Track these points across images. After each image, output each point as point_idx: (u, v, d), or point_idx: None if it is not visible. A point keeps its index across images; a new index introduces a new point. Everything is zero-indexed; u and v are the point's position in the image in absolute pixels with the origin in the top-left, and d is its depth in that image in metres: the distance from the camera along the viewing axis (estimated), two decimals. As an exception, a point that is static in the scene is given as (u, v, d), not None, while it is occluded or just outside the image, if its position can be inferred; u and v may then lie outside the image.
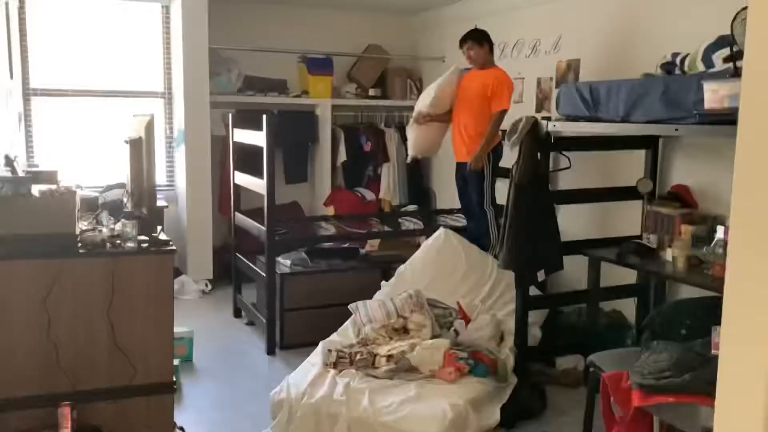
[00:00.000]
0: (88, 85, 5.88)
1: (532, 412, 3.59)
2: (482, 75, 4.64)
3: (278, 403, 3.33)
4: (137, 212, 3.01)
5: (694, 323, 3.04)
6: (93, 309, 2.70)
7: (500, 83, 4.55)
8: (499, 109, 4.53)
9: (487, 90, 4.55)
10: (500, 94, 4.52)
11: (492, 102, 4.55)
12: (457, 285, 4.41)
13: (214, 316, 5.28)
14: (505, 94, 4.53)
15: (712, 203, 3.82)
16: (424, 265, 4.52)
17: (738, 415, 2.04)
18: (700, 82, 2.92)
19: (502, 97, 4.52)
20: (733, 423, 2.07)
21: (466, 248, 4.55)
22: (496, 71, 4.63)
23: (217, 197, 6.14)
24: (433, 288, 4.31)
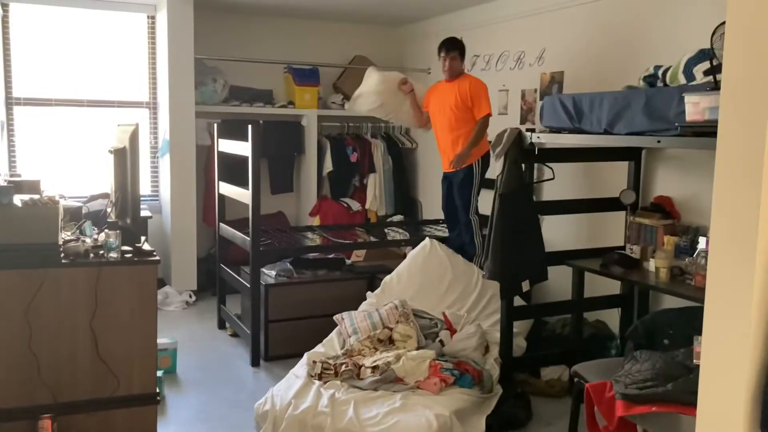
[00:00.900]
0: (72, 94, 5.85)
1: (517, 423, 3.59)
2: (455, 86, 4.68)
3: (262, 414, 3.31)
4: (121, 222, 3.00)
5: (676, 333, 3.06)
6: (75, 320, 2.68)
7: (477, 90, 4.60)
8: (482, 115, 4.59)
9: (466, 101, 4.60)
10: (479, 101, 4.59)
11: (474, 110, 4.61)
12: (442, 295, 4.42)
13: (198, 327, 5.25)
14: (483, 99, 4.60)
15: (695, 214, 3.87)
16: (410, 275, 4.52)
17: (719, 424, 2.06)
18: (682, 94, 2.96)
19: (482, 103, 4.59)
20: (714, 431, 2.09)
21: (451, 258, 4.56)
22: (468, 79, 4.70)
23: (202, 207, 6.12)
24: (419, 298, 4.32)
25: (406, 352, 3.60)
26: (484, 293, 4.40)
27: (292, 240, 5.06)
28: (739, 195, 1.96)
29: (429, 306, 4.25)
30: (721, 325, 2.05)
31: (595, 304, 4.20)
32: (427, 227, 5.69)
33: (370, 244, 5.26)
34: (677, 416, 2.47)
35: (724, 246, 2.03)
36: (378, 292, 4.46)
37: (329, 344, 3.97)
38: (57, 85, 5.80)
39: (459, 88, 4.64)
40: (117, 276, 2.75)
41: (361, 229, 5.52)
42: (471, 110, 4.61)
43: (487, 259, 3.71)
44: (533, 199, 4.08)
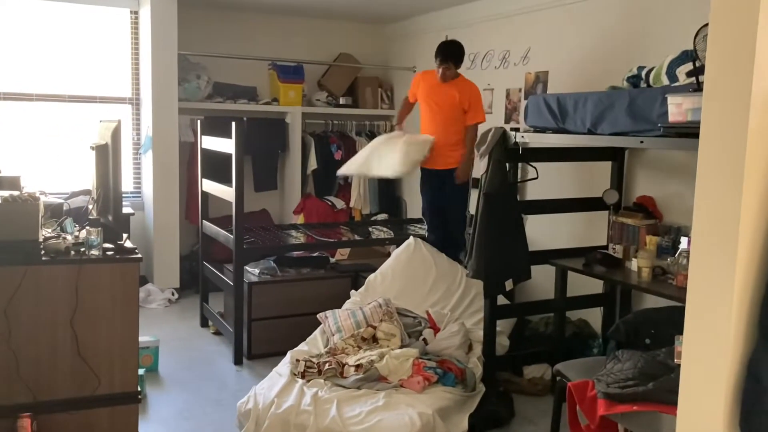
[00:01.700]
0: (53, 89, 5.79)
1: (500, 421, 3.60)
2: (453, 87, 4.68)
3: (245, 413, 3.30)
4: (102, 219, 2.97)
5: (658, 332, 3.08)
6: (56, 318, 2.65)
7: (476, 97, 4.66)
8: (476, 121, 4.64)
9: (464, 104, 4.63)
10: (477, 108, 4.65)
11: (468, 114, 4.64)
12: (426, 294, 4.43)
13: (181, 325, 5.22)
14: (480, 106, 4.67)
15: (677, 214, 3.90)
16: (394, 273, 4.52)
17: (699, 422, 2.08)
18: (665, 95, 2.98)
19: (479, 110, 4.65)
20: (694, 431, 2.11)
21: (435, 257, 4.57)
22: (466, 84, 4.71)
23: (185, 205, 6.08)
24: (403, 297, 4.32)
25: (389, 351, 3.60)
26: (468, 292, 4.42)
27: (276, 238, 5.04)
28: (721, 196, 1.97)
29: (413, 305, 4.26)
30: (702, 325, 2.07)
31: (578, 303, 4.22)
32: (411, 226, 5.69)
33: (354, 242, 5.25)
34: (658, 415, 2.49)
35: (705, 246, 2.04)
36: (362, 291, 4.45)
37: (312, 342, 3.96)
38: (38, 79, 5.73)
39: (460, 90, 4.65)
40: (98, 274, 2.72)
41: (345, 228, 5.51)
42: (465, 114, 4.64)
43: (471, 258, 3.71)
44: (517, 199, 4.10)
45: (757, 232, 1.97)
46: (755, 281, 1.98)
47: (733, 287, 1.96)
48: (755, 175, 1.93)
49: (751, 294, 1.98)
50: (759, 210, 1.96)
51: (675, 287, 3.25)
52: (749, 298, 1.99)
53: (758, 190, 1.95)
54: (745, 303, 1.98)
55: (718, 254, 1.99)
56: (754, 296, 1.99)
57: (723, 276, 1.98)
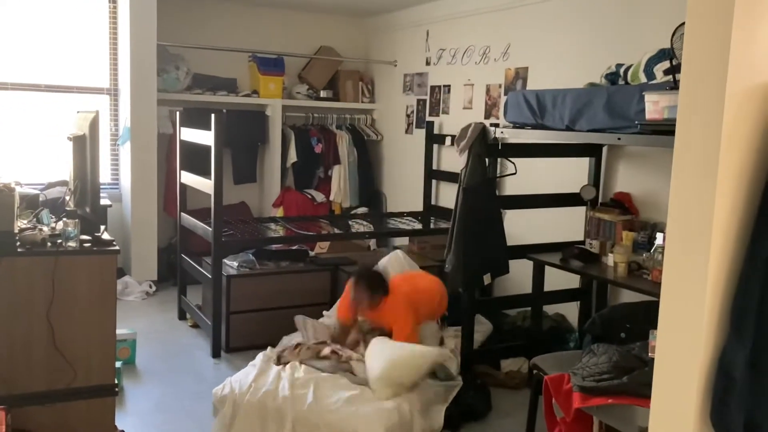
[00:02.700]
0: (29, 78, 5.70)
1: (477, 414, 3.63)
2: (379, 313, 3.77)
3: (221, 399, 3.28)
4: (80, 211, 2.94)
5: (633, 327, 3.13)
6: (31, 310, 2.62)
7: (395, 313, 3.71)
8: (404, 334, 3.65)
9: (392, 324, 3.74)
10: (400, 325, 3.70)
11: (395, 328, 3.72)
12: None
13: (158, 318, 5.19)
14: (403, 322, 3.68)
15: (653, 210, 3.95)
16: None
17: (672, 414, 2.12)
18: (642, 93, 3.01)
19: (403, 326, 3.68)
20: (667, 423, 2.14)
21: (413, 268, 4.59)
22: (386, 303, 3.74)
23: (163, 197, 6.04)
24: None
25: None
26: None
27: (255, 231, 5.02)
28: (695, 192, 2.01)
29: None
30: (675, 320, 2.10)
31: (555, 298, 4.27)
32: (391, 220, 5.70)
33: (333, 236, 5.25)
34: (632, 408, 2.53)
35: (679, 242, 2.08)
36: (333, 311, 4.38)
37: (288, 342, 3.96)
38: (13, 68, 5.64)
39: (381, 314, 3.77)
40: (75, 266, 2.70)
41: (325, 221, 5.50)
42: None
43: (450, 252, 3.73)
44: (496, 194, 4.12)
45: (730, 228, 2.00)
46: (727, 277, 2.02)
47: (705, 283, 2.00)
48: (729, 173, 1.97)
49: (723, 289, 2.02)
50: (732, 207, 2.00)
51: (650, 282, 3.30)
52: (721, 294, 2.02)
53: (731, 188, 1.98)
54: (717, 298, 2.02)
55: (691, 250, 2.03)
56: (726, 292, 2.03)
57: (696, 271, 2.01)
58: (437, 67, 5.98)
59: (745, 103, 1.95)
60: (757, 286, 1.98)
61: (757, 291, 1.98)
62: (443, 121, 5.89)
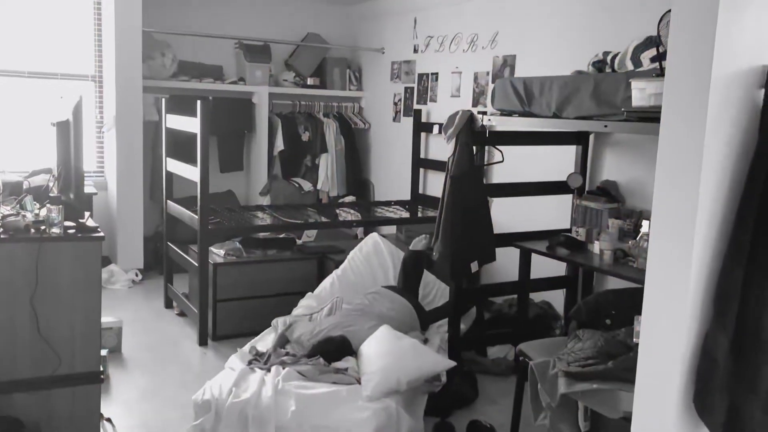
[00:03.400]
0: (12, 64, 5.63)
1: (464, 401, 3.65)
2: None
3: (203, 405, 3.16)
4: (64, 197, 2.91)
5: (618, 313, 3.15)
6: (15, 296, 2.60)
7: None
8: None
9: None
10: None
11: None
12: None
13: (145, 306, 5.16)
14: None
15: (638, 198, 3.97)
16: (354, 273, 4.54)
17: (655, 398, 2.14)
18: (629, 80, 3.02)
19: None
20: (651, 407, 2.17)
21: (394, 254, 4.60)
22: None
23: (149, 184, 5.99)
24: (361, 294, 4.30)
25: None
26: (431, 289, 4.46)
27: (242, 219, 5.00)
28: (680, 179, 2.02)
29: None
30: (659, 306, 2.12)
31: (541, 285, 4.29)
32: (378, 208, 5.70)
33: (321, 224, 5.24)
34: (617, 392, 2.55)
35: (664, 229, 2.09)
36: (317, 293, 4.43)
37: (263, 341, 3.92)
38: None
39: None
40: (59, 252, 2.67)
41: (312, 210, 5.49)
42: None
43: (437, 240, 3.74)
44: (483, 182, 4.13)
45: (714, 216, 2.02)
46: (711, 264, 2.04)
47: (690, 269, 2.01)
48: (713, 159, 1.98)
49: (706, 276, 2.04)
50: (716, 194, 2.01)
51: (635, 269, 3.32)
52: (705, 280, 2.04)
53: (716, 174, 1.99)
54: (701, 285, 2.03)
55: (676, 237, 2.04)
56: (709, 278, 2.05)
57: (680, 258, 2.03)
58: (425, 55, 5.97)
59: (731, 89, 1.96)
60: (740, 271, 2.00)
61: (740, 276, 2.00)
62: (431, 109, 5.89)
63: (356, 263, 4.63)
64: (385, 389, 3.24)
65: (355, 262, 4.64)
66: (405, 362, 3.34)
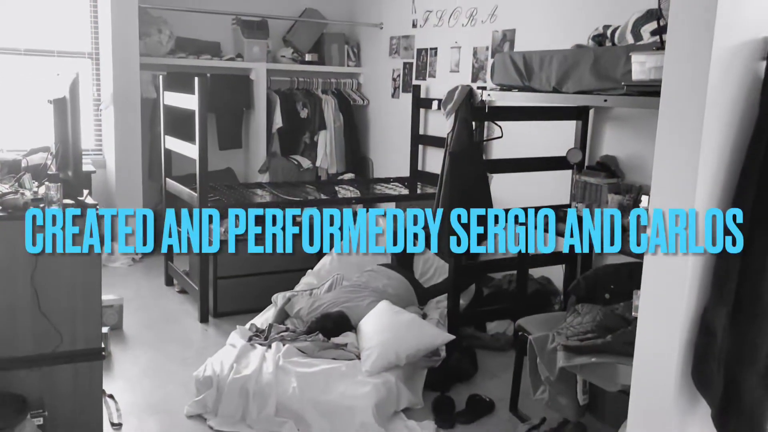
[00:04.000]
0: (8, 42, 5.59)
1: (464, 376, 3.67)
2: None
3: (204, 381, 3.25)
4: (62, 175, 2.90)
5: (617, 288, 3.16)
6: (15, 274, 2.61)
7: None
8: None
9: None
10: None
11: None
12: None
13: (145, 284, 5.18)
14: None
15: (638, 173, 3.96)
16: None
17: (654, 372, 2.15)
18: (629, 54, 2.99)
19: None
20: (649, 380, 2.18)
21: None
22: None
23: (148, 162, 5.98)
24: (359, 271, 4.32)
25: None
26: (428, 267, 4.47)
27: (241, 196, 5.00)
28: (679, 154, 2.01)
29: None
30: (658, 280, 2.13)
31: (540, 261, 4.29)
32: (378, 185, 5.69)
33: (320, 201, 5.23)
34: (615, 366, 2.57)
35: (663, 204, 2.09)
36: (317, 270, 4.44)
37: (263, 320, 3.95)
38: (-9, 32, 5.53)
39: None
40: (58, 230, 2.67)
41: (311, 187, 5.48)
42: None
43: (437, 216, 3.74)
44: (482, 158, 4.11)
45: (714, 188, 2.01)
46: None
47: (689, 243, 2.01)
48: (714, 133, 1.97)
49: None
50: (716, 168, 2.01)
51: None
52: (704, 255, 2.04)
53: (716, 149, 1.99)
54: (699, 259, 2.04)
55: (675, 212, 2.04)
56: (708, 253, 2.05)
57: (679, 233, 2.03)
58: (424, 30, 5.92)
59: (732, 61, 1.94)
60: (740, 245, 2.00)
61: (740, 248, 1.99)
62: (430, 84, 5.85)
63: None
64: (385, 364, 3.26)
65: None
66: (404, 337, 3.37)
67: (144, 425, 3.15)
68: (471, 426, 3.22)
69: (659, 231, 2.09)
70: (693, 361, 2.07)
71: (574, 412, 2.84)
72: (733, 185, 2.00)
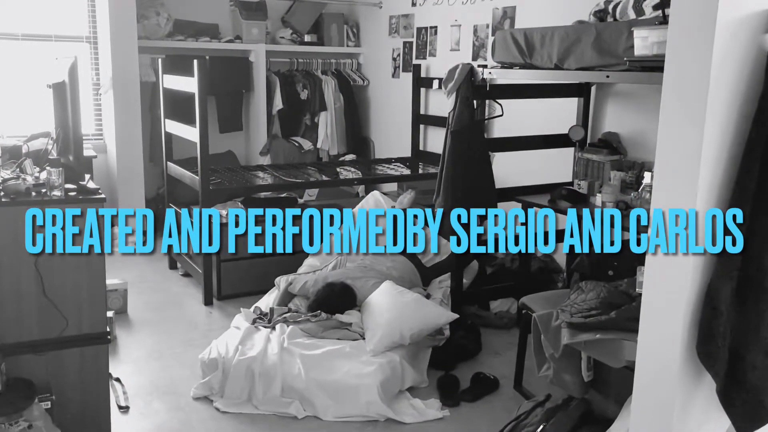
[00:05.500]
0: (5, 27, 5.55)
1: (468, 354, 3.69)
2: None
3: (210, 363, 3.26)
4: (63, 160, 2.89)
5: (621, 264, 3.16)
6: (19, 259, 2.61)
7: None
8: None
9: None
10: None
11: None
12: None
13: (149, 268, 5.19)
14: None
15: (641, 150, 3.95)
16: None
17: (659, 347, 2.16)
18: (631, 29, 2.97)
19: None
20: (654, 355, 2.18)
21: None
22: None
23: (149, 146, 5.96)
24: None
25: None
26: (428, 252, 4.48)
27: (243, 179, 4.99)
28: (683, 130, 2.00)
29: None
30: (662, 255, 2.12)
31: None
32: (379, 166, 5.67)
33: (322, 183, 5.23)
34: (620, 342, 2.57)
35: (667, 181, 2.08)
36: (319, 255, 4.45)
37: (266, 302, 3.97)
38: (-12, 17, 5.49)
39: None
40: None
41: (312, 168, 5.47)
42: None
43: (439, 196, 3.73)
44: (484, 136, 4.10)
45: (718, 165, 2.00)
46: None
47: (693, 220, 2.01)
48: (717, 108, 1.96)
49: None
50: (720, 143, 1.99)
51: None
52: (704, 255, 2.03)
53: (720, 124, 1.97)
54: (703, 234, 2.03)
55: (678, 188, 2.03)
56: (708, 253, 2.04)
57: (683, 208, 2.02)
58: (423, 8, 5.87)
59: (736, 35, 1.92)
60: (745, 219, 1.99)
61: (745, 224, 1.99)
62: (430, 63, 5.81)
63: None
64: (389, 343, 3.28)
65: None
66: (408, 316, 3.38)
67: (151, 407, 3.18)
68: (476, 404, 3.24)
69: (659, 231, 2.08)
70: (698, 334, 2.08)
71: (578, 388, 2.85)
72: (738, 161, 1.99)
